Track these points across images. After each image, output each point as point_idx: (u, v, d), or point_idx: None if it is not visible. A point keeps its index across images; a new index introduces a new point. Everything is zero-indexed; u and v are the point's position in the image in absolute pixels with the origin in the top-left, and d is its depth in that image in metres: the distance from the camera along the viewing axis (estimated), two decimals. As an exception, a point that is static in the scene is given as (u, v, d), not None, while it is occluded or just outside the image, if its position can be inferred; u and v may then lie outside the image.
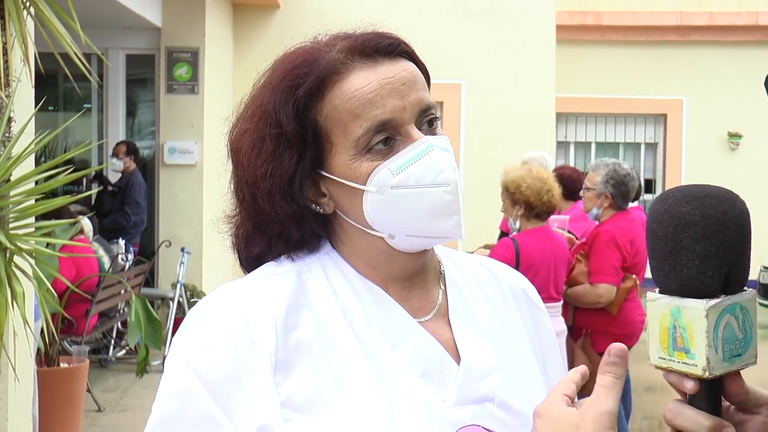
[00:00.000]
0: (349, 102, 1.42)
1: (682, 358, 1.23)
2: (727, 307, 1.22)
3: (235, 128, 1.52)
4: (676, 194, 1.26)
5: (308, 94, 1.43)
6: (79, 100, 12.44)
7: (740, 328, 1.23)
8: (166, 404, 1.40)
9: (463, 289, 1.58)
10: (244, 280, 1.49)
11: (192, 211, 10.98)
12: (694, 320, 1.21)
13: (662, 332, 1.25)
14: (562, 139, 16.74)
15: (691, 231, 1.22)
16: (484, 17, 13.18)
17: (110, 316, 9.38)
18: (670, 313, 1.24)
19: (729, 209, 1.23)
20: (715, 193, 1.24)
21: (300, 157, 1.45)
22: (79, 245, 7.56)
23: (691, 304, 1.21)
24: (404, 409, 1.39)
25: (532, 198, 5.59)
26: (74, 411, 6.77)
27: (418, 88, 1.46)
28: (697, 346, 1.21)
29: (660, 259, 1.25)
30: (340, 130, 1.43)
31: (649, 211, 1.29)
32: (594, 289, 5.87)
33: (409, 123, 1.44)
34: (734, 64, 16.13)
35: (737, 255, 1.23)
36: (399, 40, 1.50)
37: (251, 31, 12.89)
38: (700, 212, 1.22)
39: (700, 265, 1.21)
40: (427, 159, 1.43)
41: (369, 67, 1.44)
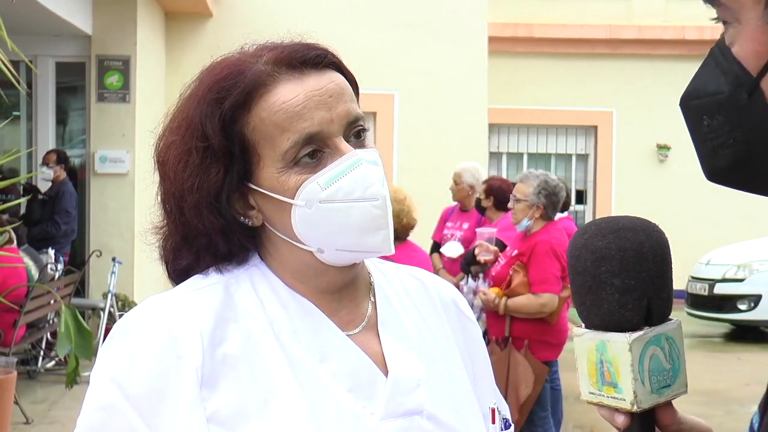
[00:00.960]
0: (276, 115, 1.41)
1: (611, 393, 1.22)
2: (652, 339, 1.21)
3: (162, 140, 1.50)
4: (593, 228, 1.25)
5: (234, 106, 1.42)
6: (7, 107, 12.25)
7: (667, 359, 1.23)
8: (90, 419, 1.39)
9: (393, 300, 1.57)
10: (170, 293, 1.47)
11: (123, 220, 10.87)
12: (619, 354, 1.20)
13: (590, 367, 1.24)
14: (494, 149, 16.86)
15: (608, 265, 1.21)
16: (417, 28, 13.25)
17: (39, 326, 9.24)
18: (595, 347, 1.23)
19: (645, 240, 1.23)
20: (630, 225, 1.24)
21: (227, 170, 1.43)
22: (6, 255, 7.44)
23: (615, 338, 1.21)
24: (331, 423, 1.38)
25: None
26: (2, 423, 6.66)
27: (346, 100, 1.45)
28: (623, 379, 1.21)
29: (581, 294, 1.24)
30: (268, 142, 1.42)
31: (569, 246, 1.28)
32: (537, 299, 5.91)
33: (337, 135, 1.43)
34: (663, 77, 16.38)
35: (657, 286, 1.22)
36: (326, 51, 1.49)
37: (183, 40, 12.82)
38: (616, 245, 1.22)
39: (620, 298, 1.21)
40: (355, 173, 1.41)
41: (296, 79, 1.43)
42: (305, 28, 1.56)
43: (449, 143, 13.06)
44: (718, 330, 13.76)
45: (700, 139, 1.17)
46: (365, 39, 12.61)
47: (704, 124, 1.15)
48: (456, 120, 13.26)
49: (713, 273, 13.19)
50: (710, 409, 8.66)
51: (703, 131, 1.15)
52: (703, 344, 12.85)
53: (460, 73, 13.32)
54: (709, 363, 11.10)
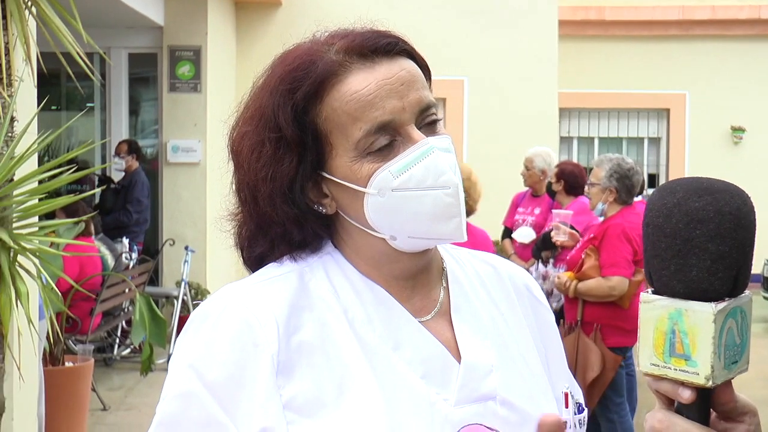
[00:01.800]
0: (348, 104, 1.41)
1: (681, 365, 1.15)
2: (731, 311, 1.15)
3: (235, 130, 1.51)
4: (686, 187, 1.18)
5: (306, 97, 1.42)
6: (81, 99, 12.44)
7: (739, 333, 1.17)
8: (169, 406, 1.41)
9: (465, 286, 1.57)
10: (246, 281, 1.48)
11: (196, 209, 10.98)
12: (699, 325, 1.13)
13: (658, 337, 1.17)
14: (565, 134, 16.73)
15: (704, 228, 1.13)
16: (487, 13, 13.16)
17: (114, 314, 9.39)
18: (668, 316, 1.16)
19: (742, 206, 1.15)
20: (726, 189, 1.16)
21: (300, 159, 1.44)
22: (82, 244, 7.57)
23: (697, 308, 1.13)
24: (406, 410, 1.39)
25: None
26: (79, 410, 6.78)
27: (418, 87, 1.45)
28: (700, 352, 1.13)
29: (665, 257, 1.16)
30: (340, 132, 1.42)
31: (652, 205, 1.20)
32: (607, 282, 5.88)
33: (409, 123, 1.43)
34: (737, 58, 16.11)
35: (747, 256, 1.15)
36: (397, 38, 1.48)
37: (253, 29, 12.88)
38: (714, 208, 1.14)
39: (711, 265, 1.13)
40: (427, 161, 1.41)
41: (367, 68, 1.42)
42: (374, 15, 1.55)
43: (519, 129, 12.98)
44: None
45: None
46: (435, 25, 12.56)
47: None
48: (526, 105, 13.16)
49: (790, 256, 12.96)
50: (783, 395, 8.52)
51: None
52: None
53: (530, 58, 13.22)
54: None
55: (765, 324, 12.91)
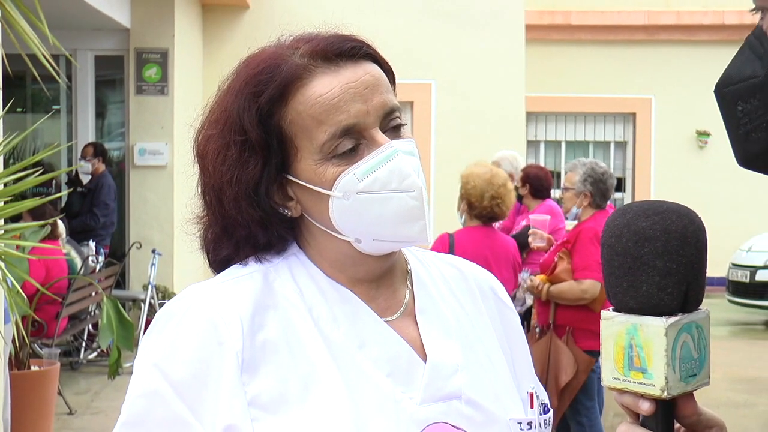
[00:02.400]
0: (313, 108, 1.42)
1: (639, 378, 1.21)
2: (684, 326, 1.20)
3: (201, 133, 1.52)
4: (636, 209, 1.24)
5: (271, 100, 1.43)
6: (47, 101, 12.36)
7: (696, 348, 1.22)
8: (134, 406, 1.41)
9: (430, 287, 1.58)
10: (210, 281, 1.49)
11: (163, 212, 10.94)
12: (653, 338, 1.19)
13: (617, 351, 1.23)
14: (532, 138, 16.80)
15: (652, 246, 1.20)
16: (454, 17, 13.21)
17: (81, 318, 9.34)
18: (626, 331, 1.22)
19: (689, 224, 1.22)
20: (675, 209, 1.23)
21: (265, 162, 1.45)
22: (48, 247, 7.52)
23: (650, 322, 1.19)
24: (371, 408, 1.40)
25: (473, 198, 5.69)
26: (45, 414, 6.73)
27: (382, 91, 1.46)
28: (654, 365, 1.19)
29: (618, 275, 1.22)
30: (305, 135, 1.43)
31: (607, 226, 1.26)
32: (579, 285, 5.90)
33: (374, 127, 1.44)
34: (702, 63, 16.23)
35: (696, 272, 1.21)
36: (362, 42, 1.49)
37: (221, 32, 12.86)
38: (660, 227, 1.20)
39: (660, 281, 1.20)
40: (391, 164, 1.42)
41: (332, 71, 1.44)
42: (341, 19, 1.56)
43: (487, 132, 13.02)
44: (760, 317, 13.63)
45: (733, 125, 1.16)
46: (402, 28, 12.59)
47: (738, 110, 1.14)
48: (493, 109, 13.22)
49: (755, 260, 13.08)
50: (754, 397, 8.60)
51: (736, 117, 1.15)
52: (745, 332, 12.76)
53: (498, 62, 13.28)
54: (751, 350, 11.02)
55: (730, 327, 13.02)
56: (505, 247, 5.87)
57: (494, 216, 5.77)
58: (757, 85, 1.11)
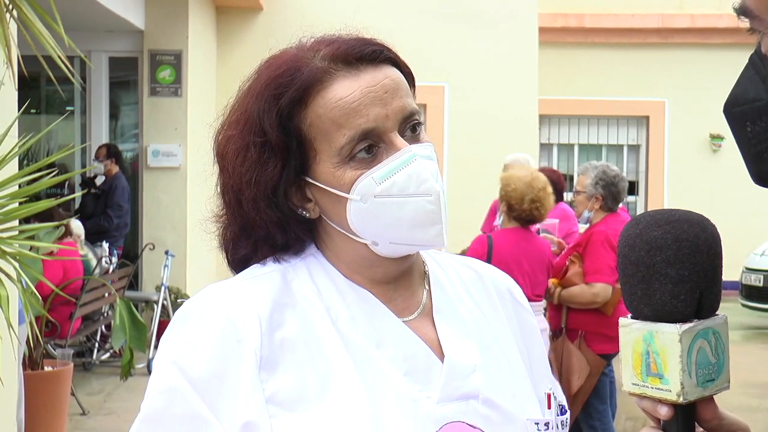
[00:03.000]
0: (333, 111, 1.43)
1: (656, 384, 1.23)
2: (700, 332, 1.22)
3: (221, 133, 1.53)
4: (648, 218, 1.27)
5: (291, 103, 1.44)
6: (61, 102, 12.40)
7: (713, 353, 1.24)
8: (153, 402, 1.42)
9: (447, 289, 1.59)
10: (229, 280, 1.50)
11: (176, 213, 10.96)
12: (668, 345, 1.21)
13: (635, 358, 1.25)
14: (545, 141, 16.77)
15: (663, 255, 1.22)
16: (468, 20, 13.21)
17: (94, 319, 9.36)
18: (642, 338, 1.24)
19: (701, 233, 1.24)
20: (686, 218, 1.25)
21: (284, 165, 1.46)
22: (63, 248, 7.54)
23: (665, 329, 1.22)
24: (388, 406, 1.40)
25: (513, 200, 5.69)
26: (59, 415, 6.76)
27: (402, 95, 1.47)
28: (670, 371, 1.22)
29: (632, 284, 1.25)
30: (324, 138, 1.44)
31: (621, 236, 1.28)
32: (590, 289, 5.90)
33: (393, 131, 1.45)
34: (716, 66, 16.19)
35: (709, 279, 1.23)
36: (382, 46, 1.50)
37: (234, 33, 12.89)
38: (672, 236, 1.23)
39: (673, 289, 1.22)
40: (409, 169, 1.43)
41: (352, 75, 1.44)
42: (355, 20, 1.57)
43: (499, 135, 13.02)
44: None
45: (745, 145, 1.17)
46: (415, 31, 12.59)
47: (747, 130, 1.15)
48: (506, 111, 13.21)
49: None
50: (767, 402, 8.57)
51: (747, 137, 1.16)
52: (758, 336, 12.71)
53: (511, 65, 13.27)
54: (764, 354, 10.99)
55: (743, 331, 12.98)
56: (541, 249, 5.88)
57: (533, 219, 5.78)
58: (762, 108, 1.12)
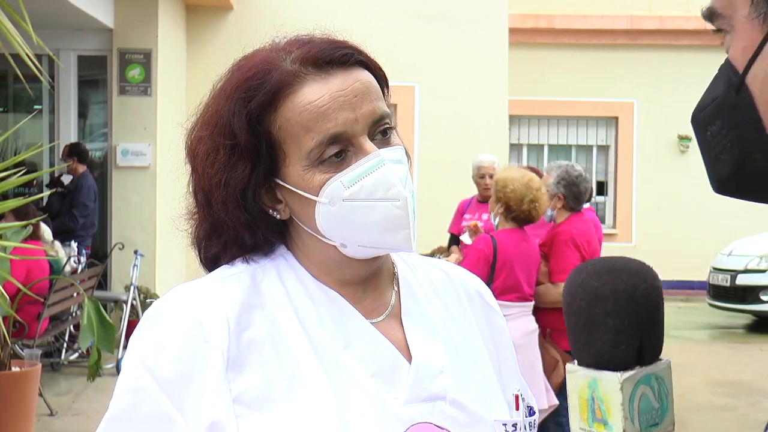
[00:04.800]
0: (301, 115, 1.43)
1: (602, 430, 1.25)
2: (642, 378, 1.24)
3: (192, 132, 1.53)
4: (589, 268, 1.29)
5: (261, 106, 1.44)
6: (29, 101, 12.32)
7: (656, 398, 1.26)
8: (120, 401, 1.43)
9: (416, 290, 1.59)
10: (197, 281, 1.51)
11: (145, 213, 10.92)
12: (610, 392, 1.24)
13: (581, 404, 1.27)
14: (515, 141, 16.83)
15: (602, 306, 1.25)
16: (439, 20, 13.23)
17: (62, 319, 9.31)
18: (588, 384, 1.26)
19: (640, 283, 1.26)
20: (626, 267, 1.27)
21: (253, 167, 1.46)
22: (30, 247, 7.50)
23: (606, 377, 1.24)
24: (356, 406, 1.41)
25: (512, 202, 5.74)
26: (26, 415, 6.71)
27: (372, 99, 1.47)
28: (614, 417, 1.24)
29: (575, 332, 1.28)
30: (293, 141, 1.44)
31: (566, 285, 1.31)
32: (556, 288, 5.92)
33: (362, 135, 1.45)
34: (684, 68, 16.31)
35: (649, 328, 1.26)
36: (353, 49, 1.49)
37: (204, 33, 12.85)
38: (610, 287, 1.25)
39: (613, 338, 1.24)
40: (378, 173, 1.44)
41: (322, 79, 1.44)
42: (326, 21, 1.56)
43: (470, 135, 13.05)
44: (740, 321, 13.70)
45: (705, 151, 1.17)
46: (386, 31, 12.60)
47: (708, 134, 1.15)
48: (476, 112, 13.25)
49: (735, 264, 13.14)
50: (735, 401, 8.64)
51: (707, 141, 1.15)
52: (726, 335, 12.81)
53: (481, 65, 13.31)
54: (732, 354, 11.07)
55: (710, 331, 13.08)
56: (535, 250, 5.94)
57: (530, 219, 5.82)
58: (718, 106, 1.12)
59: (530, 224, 5.93)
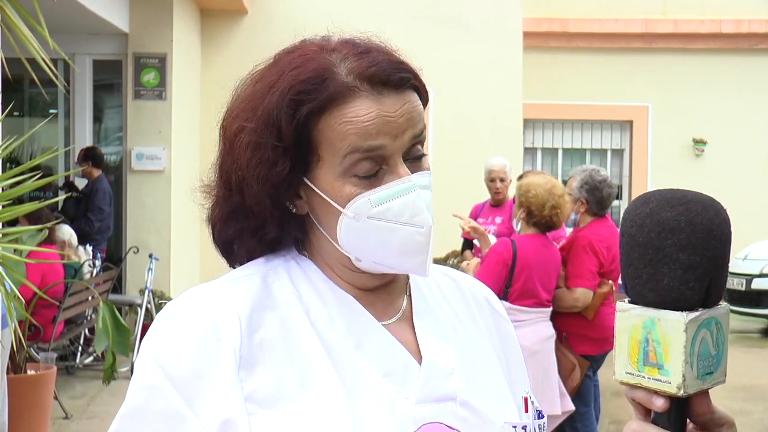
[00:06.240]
0: (344, 125, 1.43)
1: (654, 374, 1.16)
2: (704, 321, 1.16)
3: (232, 116, 1.52)
4: (659, 198, 1.20)
5: (311, 112, 1.44)
6: (45, 105, 12.36)
7: (714, 345, 1.17)
8: (133, 399, 1.44)
9: (427, 295, 1.61)
10: (210, 283, 1.52)
11: (160, 217, 10.94)
12: (671, 334, 1.14)
13: (632, 345, 1.18)
14: (529, 145, 16.80)
15: (675, 238, 1.15)
16: (452, 24, 13.23)
17: (77, 322, 9.33)
18: (642, 325, 1.17)
19: (715, 217, 1.18)
20: (700, 199, 1.19)
21: (292, 166, 1.46)
22: (45, 251, 7.52)
23: (669, 317, 1.15)
24: (367, 406, 1.42)
25: (533, 207, 5.73)
26: (41, 418, 6.74)
27: (415, 123, 1.47)
28: (672, 361, 1.15)
29: (637, 267, 1.18)
30: (330, 147, 1.44)
31: (627, 215, 1.21)
32: (571, 293, 5.93)
33: (398, 155, 1.45)
34: (699, 71, 16.26)
35: (719, 266, 1.17)
36: (411, 73, 1.50)
37: (219, 37, 12.87)
38: (686, 218, 1.16)
39: (682, 275, 1.15)
40: (407, 198, 1.45)
41: (373, 97, 1.44)
42: (339, 24, 1.57)
43: (484, 139, 13.04)
44: (756, 326, 13.65)
45: None
46: (400, 34, 12.40)
47: None
48: (490, 116, 13.23)
49: (751, 268, 13.09)
50: (750, 405, 8.61)
51: None
52: (741, 340, 12.76)
53: (495, 69, 13.29)
54: (747, 358, 11.03)
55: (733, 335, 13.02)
56: (556, 257, 5.93)
57: (552, 225, 5.81)
58: None
59: (552, 230, 5.92)
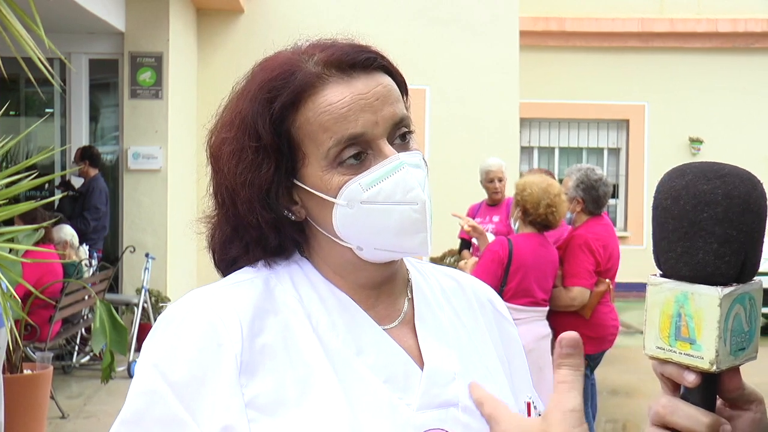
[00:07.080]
0: (321, 116, 1.43)
1: (686, 349, 1.14)
2: (738, 297, 1.13)
3: (214, 134, 1.53)
4: (695, 170, 1.16)
5: (284, 106, 1.45)
6: (41, 104, 12.35)
7: (747, 320, 1.15)
8: (132, 404, 1.43)
9: (429, 298, 1.60)
10: (211, 286, 1.51)
11: (156, 216, 10.93)
12: (705, 309, 1.12)
13: (663, 320, 1.16)
14: (525, 144, 16.82)
15: (712, 211, 1.12)
16: (449, 23, 13.23)
17: (74, 322, 9.32)
18: (675, 299, 1.15)
19: (752, 190, 1.14)
20: (737, 173, 1.15)
21: (277, 166, 1.46)
22: (42, 251, 7.51)
23: (703, 291, 1.12)
24: (368, 412, 1.41)
25: (528, 205, 5.73)
26: (38, 418, 6.73)
27: (392, 102, 1.48)
28: (705, 337, 1.12)
29: (671, 240, 1.15)
30: (312, 141, 1.45)
31: (661, 187, 1.18)
32: (568, 292, 5.93)
33: (381, 138, 1.45)
34: (695, 70, 16.28)
35: (755, 241, 1.14)
36: (376, 54, 1.50)
37: (215, 36, 12.86)
38: (722, 191, 1.13)
39: (718, 249, 1.12)
40: (396, 176, 1.44)
41: (344, 81, 1.45)
42: (336, 24, 1.57)
43: (481, 138, 13.04)
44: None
45: None
46: (397, 34, 12.60)
47: None
48: (487, 115, 13.23)
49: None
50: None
51: None
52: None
53: (492, 68, 13.29)
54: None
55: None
56: (553, 256, 5.92)
57: (548, 224, 5.80)
58: None
59: (549, 230, 5.92)
